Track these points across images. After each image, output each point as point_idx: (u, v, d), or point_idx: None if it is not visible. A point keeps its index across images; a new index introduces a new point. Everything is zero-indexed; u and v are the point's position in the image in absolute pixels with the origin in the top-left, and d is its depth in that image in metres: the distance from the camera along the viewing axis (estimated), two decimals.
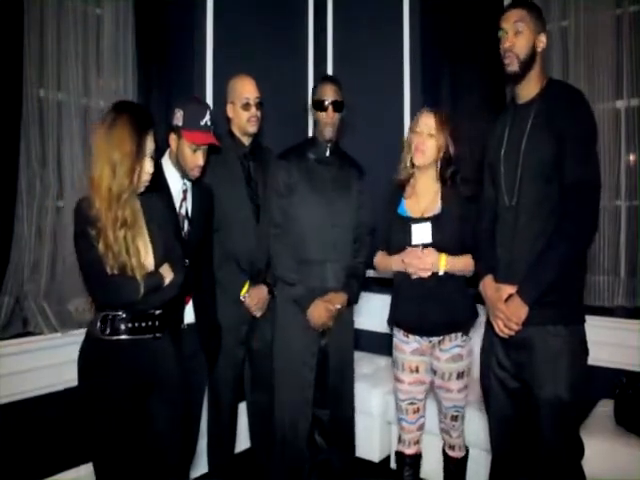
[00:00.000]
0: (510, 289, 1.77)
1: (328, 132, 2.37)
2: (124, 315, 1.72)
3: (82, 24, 2.47)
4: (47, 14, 2.35)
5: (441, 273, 2.03)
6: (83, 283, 1.76)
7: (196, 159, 2.11)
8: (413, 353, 2.14)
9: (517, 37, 1.76)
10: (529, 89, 1.81)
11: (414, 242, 2.06)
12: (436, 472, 2.40)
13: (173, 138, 2.14)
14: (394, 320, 2.19)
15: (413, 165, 2.14)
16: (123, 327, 1.72)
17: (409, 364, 2.15)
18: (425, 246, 2.04)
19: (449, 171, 2.11)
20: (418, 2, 3.18)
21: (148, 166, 1.74)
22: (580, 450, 1.79)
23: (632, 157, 2.63)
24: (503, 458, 1.94)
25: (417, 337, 2.12)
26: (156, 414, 1.78)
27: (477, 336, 2.04)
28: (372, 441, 2.90)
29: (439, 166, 2.11)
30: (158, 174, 2.16)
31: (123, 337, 1.72)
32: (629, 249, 2.61)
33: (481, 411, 2.29)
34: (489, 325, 1.89)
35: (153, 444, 1.79)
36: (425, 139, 2.07)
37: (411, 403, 2.17)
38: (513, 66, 1.77)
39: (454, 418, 2.18)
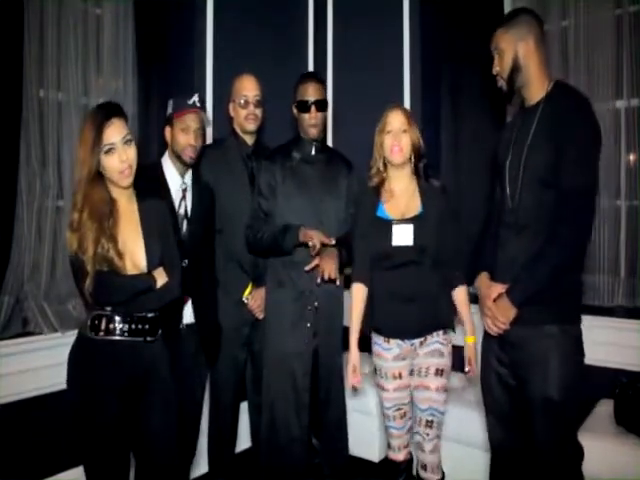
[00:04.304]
0: (500, 288, 1.78)
1: (313, 132, 2.33)
2: (115, 316, 1.71)
3: (82, 24, 2.48)
4: (47, 14, 2.35)
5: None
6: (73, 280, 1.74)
7: (188, 138, 2.14)
8: (395, 359, 2.07)
9: (501, 60, 1.84)
10: (533, 92, 1.82)
11: (394, 243, 2.02)
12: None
13: (168, 130, 2.19)
14: (373, 327, 2.12)
15: (386, 167, 2.11)
16: (112, 327, 1.70)
17: (392, 371, 2.08)
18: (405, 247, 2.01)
19: (422, 164, 2.10)
20: (418, 2, 3.18)
21: (117, 158, 1.67)
22: (578, 454, 1.77)
23: (632, 157, 2.63)
24: (502, 456, 1.93)
25: (398, 341, 2.06)
26: (149, 416, 1.76)
27: (477, 336, 2.03)
28: (372, 441, 2.90)
29: (413, 161, 2.09)
30: (158, 175, 2.17)
31: (112, 338, 1.70)
32: (629, 249, 2.61)
33: (480, 412, 2.28)
34: None
35: (146, 445, 1.77)
36: (400, 136, 2.04)
37: (398, 409, 2.10)
38: (503, 86, 1.87)
39: (428, 424, 2.02)
